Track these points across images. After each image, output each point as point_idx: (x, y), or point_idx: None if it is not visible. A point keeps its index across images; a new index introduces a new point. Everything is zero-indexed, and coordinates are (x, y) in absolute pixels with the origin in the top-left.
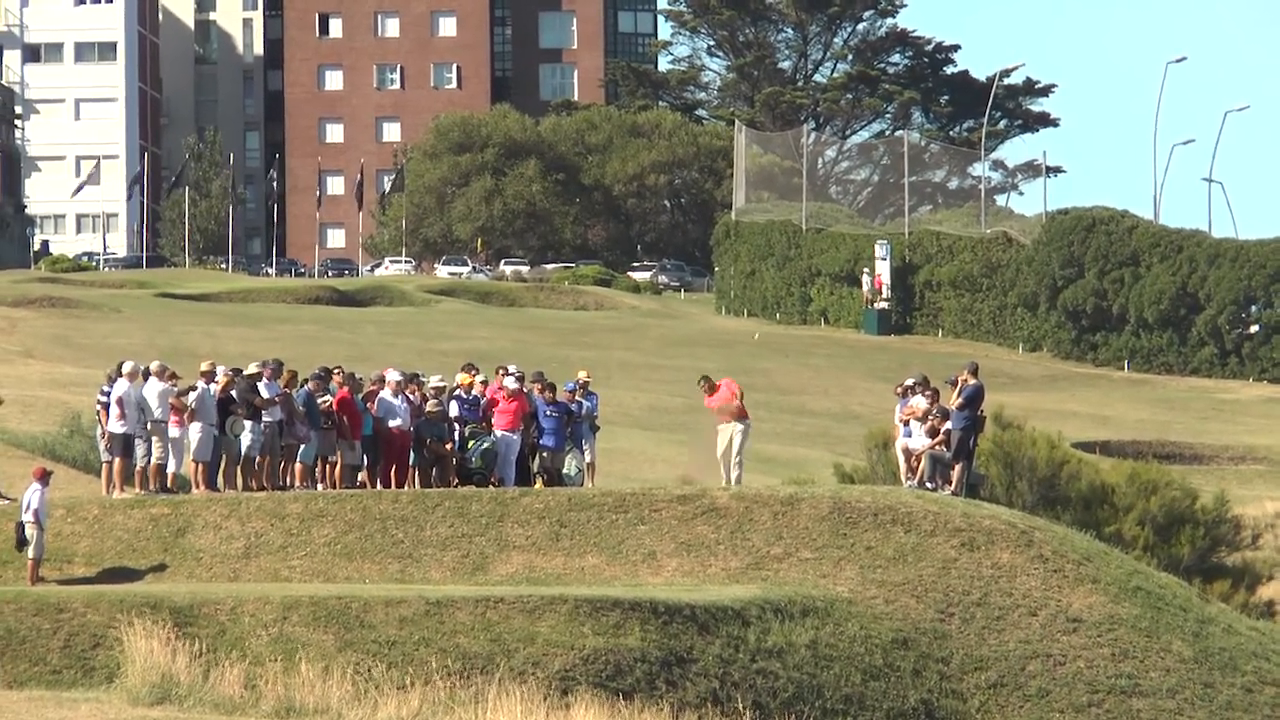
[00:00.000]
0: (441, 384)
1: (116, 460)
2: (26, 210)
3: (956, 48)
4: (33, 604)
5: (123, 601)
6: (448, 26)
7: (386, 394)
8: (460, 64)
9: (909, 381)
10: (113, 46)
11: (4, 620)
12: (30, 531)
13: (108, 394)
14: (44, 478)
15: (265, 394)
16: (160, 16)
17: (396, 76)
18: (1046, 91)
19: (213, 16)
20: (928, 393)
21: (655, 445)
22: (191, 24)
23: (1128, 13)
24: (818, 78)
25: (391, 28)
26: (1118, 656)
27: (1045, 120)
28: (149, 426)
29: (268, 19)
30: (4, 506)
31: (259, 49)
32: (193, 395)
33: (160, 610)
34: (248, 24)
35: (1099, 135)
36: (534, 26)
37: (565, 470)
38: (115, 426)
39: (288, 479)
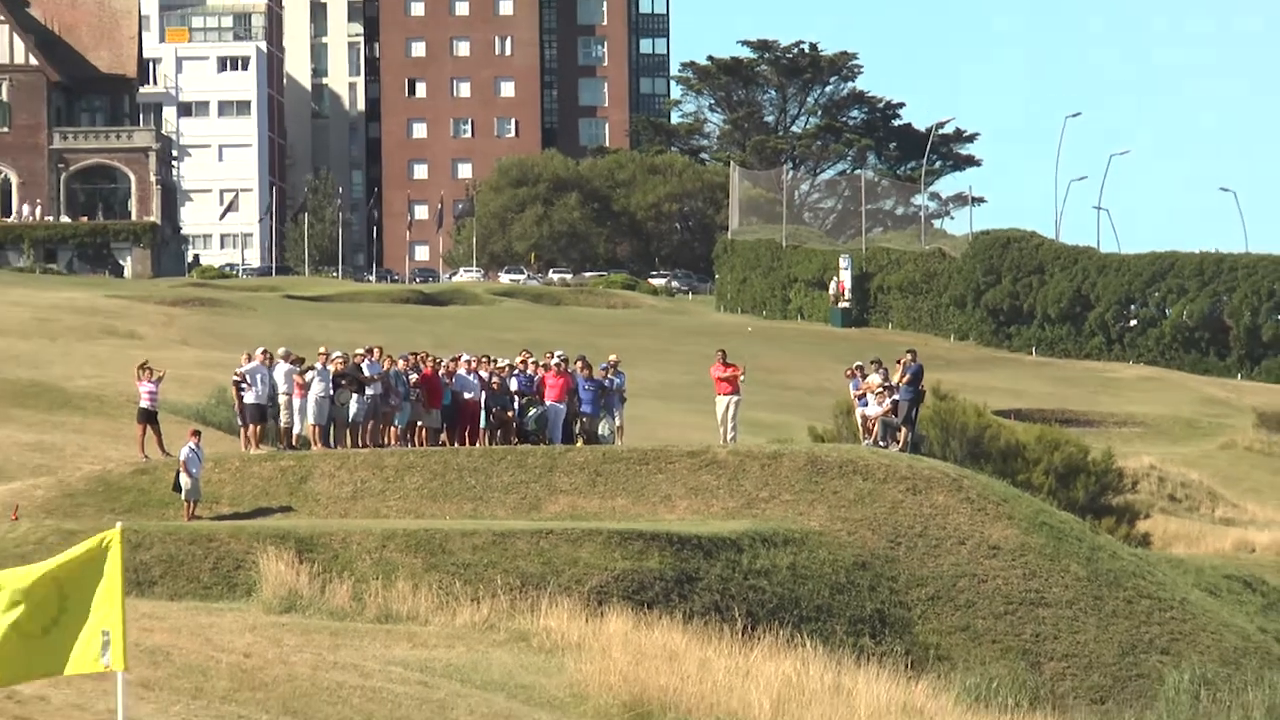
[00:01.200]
0: (505, 364)
1: (252, 425)
2: (182, 231)
3: (902, 104)
4: (188, 535)
5: (258, 533)
6: (508, 89)
7: (461, 372)
8: (517, 118)
9: (856, 364)
10: (248, 104)
11: (166, 548)
12: (183, 479)
13: (242, 373)
14: (196, 437)
15: (368, 373)
16: (285, 80)
17: (468, 127)
18: (972, 139)
19: (325, 80)
20: (880, 370)
21: (669, 413)
22: (309, 86)
23: (1036, 77)
24: (794, 129)
25: (464, 90)
26: (1027, 575)
27: (971, 161)
28: (277, 399)
29: (368, 82)
30: (166, 460)
31: (361, 106)
32: (311, 374)
33: (287, 540)
34: (353, 86)
35: (1013, 172)
36: (575, 89)
37: (600, 432)
38: (250, 398)
39: (385, 439)
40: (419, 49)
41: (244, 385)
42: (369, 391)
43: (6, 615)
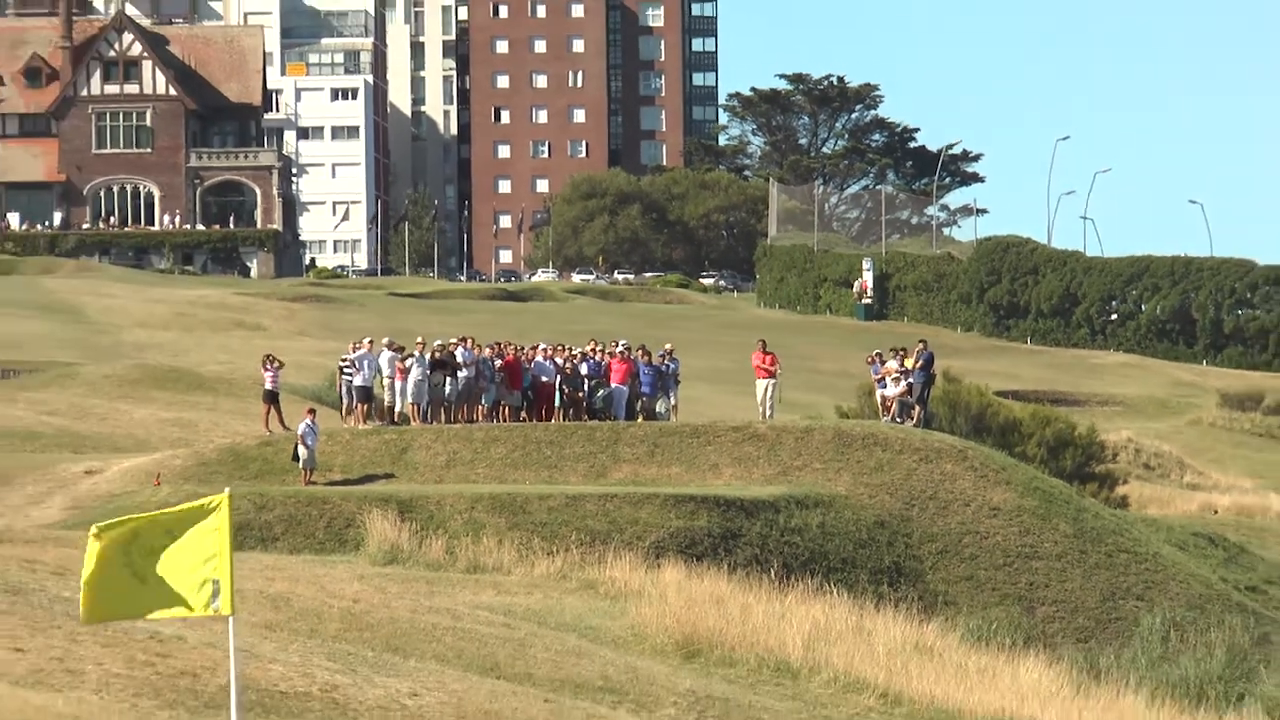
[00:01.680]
0: (577, 352)
1: (359, 404)
2: (300, 237)
3: (917, 129)
4: (306, 499)
5: (365, 497)
6: (579, 116)
7: (539, 359)
8: (588, 141)
9: (876, 352)
10: (357, 129)
11: (287, 509)
12: (301, 450)
13: (349, 359)
14: (312, 414)
15: (460, 359)
16: (388, 108)
17: (545, 149)
18: (977, 158)
19: (423, 108)
20: (897, 357)
21: (716, 395)
22: (409, 113)
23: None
24: (825, 150)
25: (541, 116)
26: (1022, 533)
27: (975, 177)
28: (382, 381)
29: (460, 110)
30: (286, 434)
31: (454, 130)
32: (411, 360)
33: (390, 502)
34: (447, 114)
35: (1011, 187)
36: (637, 116)
37: (657, 410)
38: (358, 381)
39: (474, 416)
40: (503, 81)
41: (351, 369)
42: (461, 375)
43: (125, 556)
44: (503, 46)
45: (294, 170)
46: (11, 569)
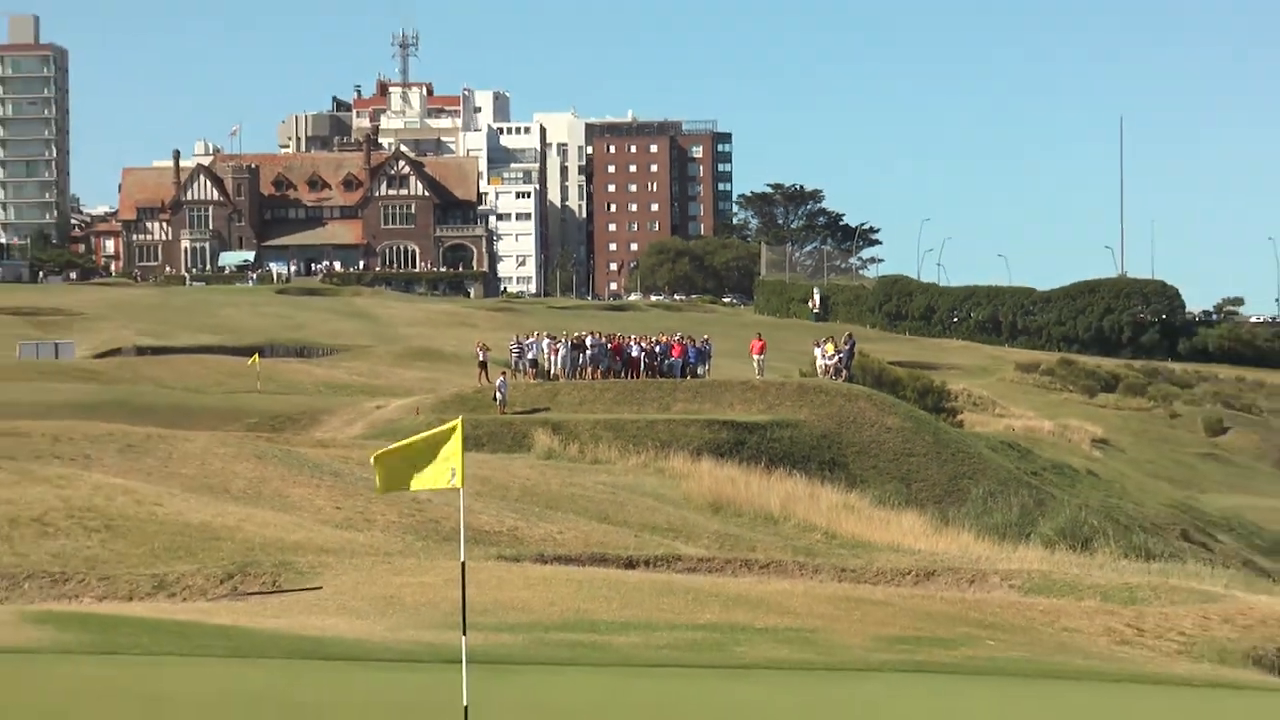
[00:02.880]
0: (654, 339)
1: (530, 369)
2: (498, 275)
3: (844, 213)
4: (500, 422)
5: (533, 421)
6: (654, 206)
7: (631, 342)
8: (658, 221)
9: (818, 340)
10: (529, 214)
11: (490, 428)
12: (498, 395)
13: (518, 343)
14: (504, 375)
15: (587, 343)
16: (547, 203)
17: (635, 226)
18: (877, 230)
19: (567, 202)
20: (832, 342)
21: (731, 364)
22: (559, 205)
23: (910, 201)
24: (792, 226)
25: (633, 207)
26: (903, 441)
27: (876, 241)
28: (543, 355)
29: (588, 203)
30: (489, 387)
31: (584, 215)
32: (560, 343)
33: (547, 424)
34: (580, 206)
35: (897, 246)
36: (686, 207)
37: (699, 372)
38: (530, 355)
39: (595, 376)
40: (611, 187)
41: (525, 348)
42: (587, 352)
43: (407, 456)
44: (611, 168)
45: (494, 237)
46: (334, 461)
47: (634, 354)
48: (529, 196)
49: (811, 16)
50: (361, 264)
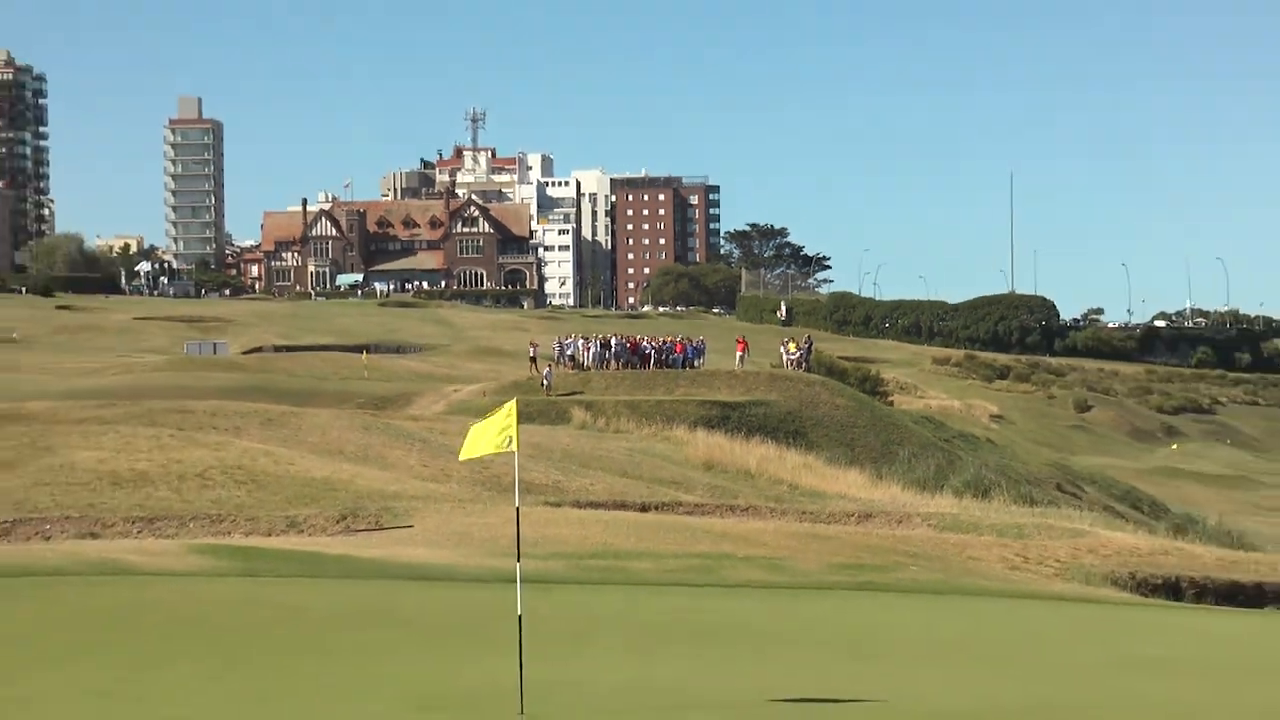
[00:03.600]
0: (663, 339)
1: (569, 361)
2: (545, 291)
3: (803, 245)
4: (546, 402)
5: (571, 401)
6: (662, 241)
7: (644, 341)
8: (665, 252)
9: (785, 340)
10: (568, 248)
11: (539, 406)
12: (544, 381)
13: (559, 343)
14: (550, 365)
15: (613, 342)
16: (582, 238)
17: (648, 255)
18: (829, 258)
19: (596, 237)
20: (794, 340)
21: (719, 358)
22: (590, 239)
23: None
24: (765, 255)
25: (646, 241)
26: (849, 416)
27: (828, 266)
28: (579, 351)
29: (612, 238)
30: (538, 375)
31: (609, 247)
32: (592, 342)
33: (582, 404)
34: (605, 240)
35: (844, 269)
36: (686, 240)
37: (696, 364)
38: (569, 351)
39: (616, 367)
40: (630, 225)
41: (564, 347)
42: (612, 349)
43: (482, 430)
44: (629, 211)
45: (541, 263)
46: (423, 431)
47: (646, 351)
48: (568, 233)
49: (783, 100)
50: (442, 284)
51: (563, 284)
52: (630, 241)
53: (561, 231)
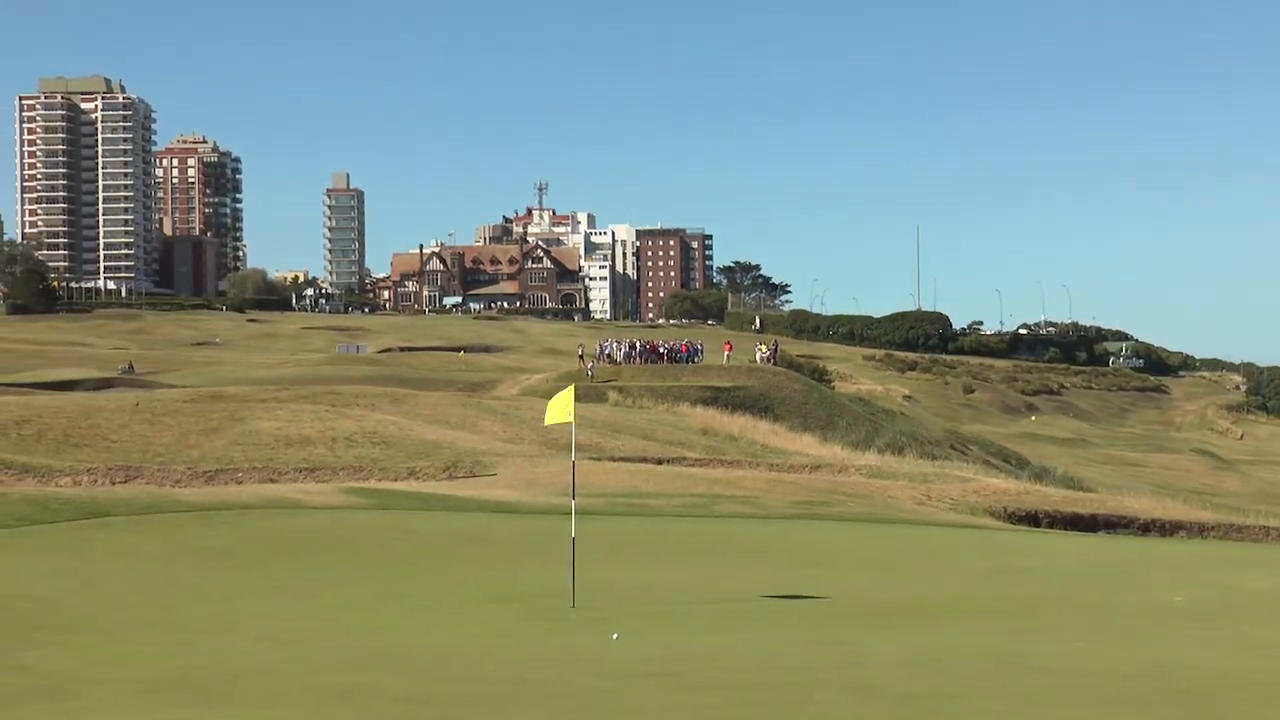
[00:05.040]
0: (673, 342)
1: (608, 357)
2: (590, 308)
3: (772, 275)
4: (590, 387)
5: (607, 385)
6: (672, 273)
7: (659, 343)
8: (674, 282)
9: (759, 343)
10: (606, 278)
11: (584, 390)
12: (589, 372)
13: (600, 345)
14: (594, 361)
15: (637, 345)
16: (615, 271)
17: (664, 284)
18: (789, 286)
19: (625, 270)
20: (765, 344)
21: (713, 357)
22: (621, 272)
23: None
24: (745, 284)
25: (662, 274)
26: (804, 395)
27: (788, 291)
28: (614, 350)
29: (637, 271)
30: (585, 367)
31: (635, 276)
32: (624, 344)
33: (616, 388)
34: (632, 273)
35: (801, 293)
36: (690, 273)
37: (696, 360)
38: (607, 350)
39: (641, 362)
40: (650, 264)
41: (604, 347)
42: (637, 349)
43: (555, 404)
44: (649, 253)
45: (587, 290)
46: (504, 407)
47: (661, 350)
48: (606, 268)
49: (758, 172)
50: (517, 304)
51: (603, 304)
52: (649, 274)
53: (601, 267)
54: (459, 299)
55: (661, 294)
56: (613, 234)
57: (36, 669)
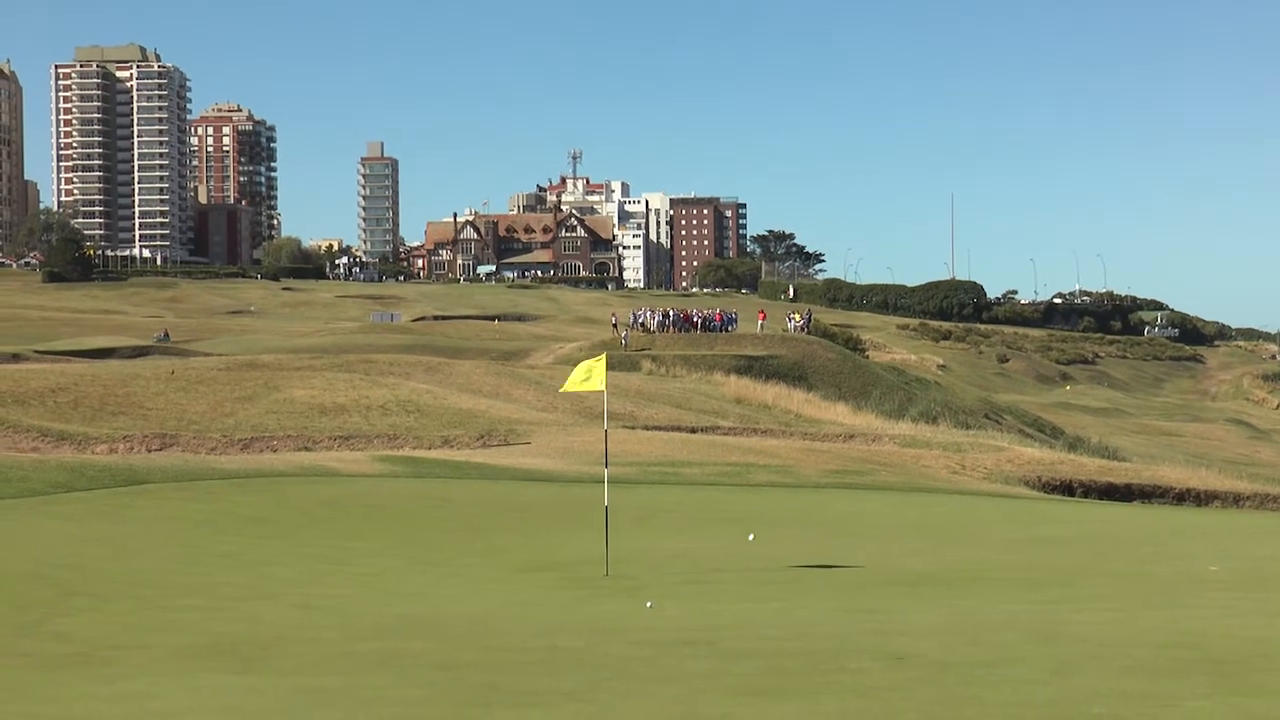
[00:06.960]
0: (708, 310)
1: (641, 326)
2: (624, 276)
3: (805, 244)
4: (624, 356)
5: (641, 355)
6: (707, 241)
7: (693, 312)
8: (708, 251)
9: (792, 312)
10: (640, 246)
11: (618, 358)
12: (623, 341)
13: (634, 314)
14: (627, 329)
15: (671, 314)
16: (649, 240)
17: (698, 253)
18: (823, 255)
19: (659, 239)
20: (798, 312)
21: (746, 326)
22: (655, 241)
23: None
24: (779, 253)
25: (695, 244)
26: (838, 365)
27: (823, 260)
28: (648, 319)
29: (671, 240)
30: (619, 335)
31: (669, 245)
32: (658, 313)
33: (649, 356)
34: (666, 241)
35: (835, 261)
36: (726, 243)
37: (730, 328)
38: (641, 319)
39: (675, 330)
40: (684, 232)
41: (637, 316)
42: (671, 317)
43: (577, 375)
44: (683, 221)
45: (621, 259)
46: (538, 375)
47: (695, 319)
48: (639, 237)
49: (794, 139)
50: (551, 272)
51: (636, 273)
52: (683, 242)
53: (635, 236)
54: (493, 267)
55: (695, 263)
56: (646, 203)
57: (73, 635)
